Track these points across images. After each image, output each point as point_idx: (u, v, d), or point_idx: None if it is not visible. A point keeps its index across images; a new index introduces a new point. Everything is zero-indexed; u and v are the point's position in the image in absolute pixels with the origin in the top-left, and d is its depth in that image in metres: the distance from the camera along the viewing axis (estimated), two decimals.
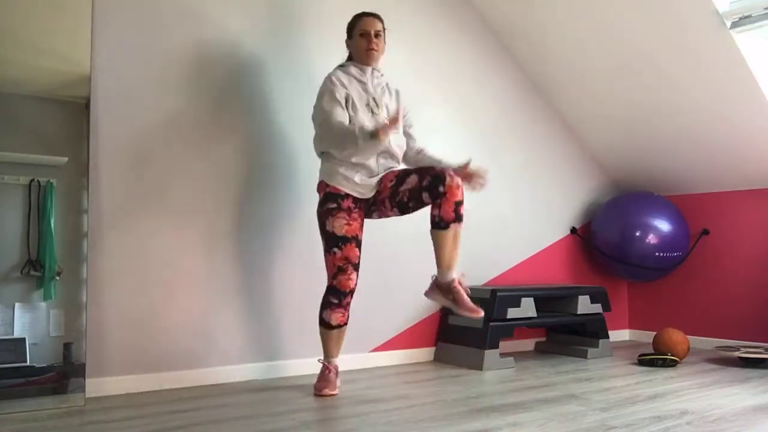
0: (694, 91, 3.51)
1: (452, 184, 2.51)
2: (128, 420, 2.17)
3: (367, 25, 2.71)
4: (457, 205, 2.53)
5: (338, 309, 2.63)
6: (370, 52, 2.69)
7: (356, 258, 2.64)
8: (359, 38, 2.71)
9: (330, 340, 2.67)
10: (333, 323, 2.64)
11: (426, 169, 2.61)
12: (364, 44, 2.69)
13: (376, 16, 2.75)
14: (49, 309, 2.43)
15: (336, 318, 2.64)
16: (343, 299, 2.63)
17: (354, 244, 2.62)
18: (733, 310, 3.84)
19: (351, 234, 2.62)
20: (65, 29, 2.55)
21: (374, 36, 2.70)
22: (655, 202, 3.99)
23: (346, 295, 2.63)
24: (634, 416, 2.23)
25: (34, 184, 2.44)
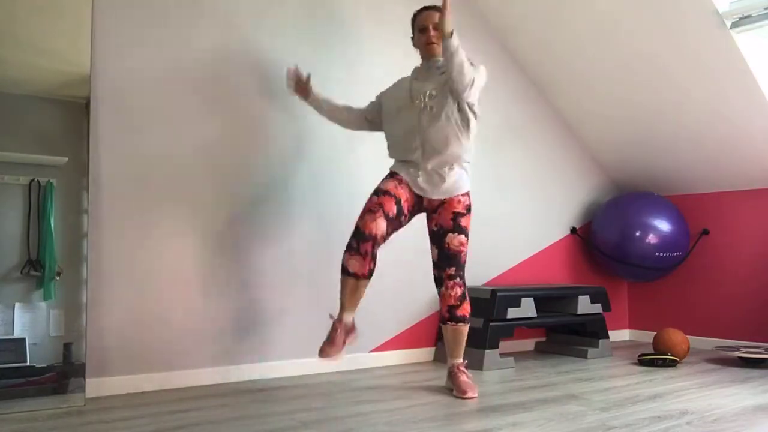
0: (694, 91, 3.51)
1: (446, 293, 2.68)
2: (128, 420, 2.17)
3: (424, 20, 2.74)
4: (450, 308, 2.68)
5: (355, 255, 2.50)
6: (429, 46, 2.72)
7: (391, 211, 2.56)
8: (419, 34, 2.76)
9: (344, 288, 2.55)
10: (350, 270, 2.52)
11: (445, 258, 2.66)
12: (424, 39, 2.73)
13: (433, 8, 2.75)
14: (49, 309, 2.43)
15: (352, 265, 2.51)
16: (361, 244, 2.50)
17: (394, 201, 2.59)
18: (733, 310, 3.84)
19: (394, 192, 2.61)
20: (65, 29, 2.55)
21: (432, 28, 2.71)
22: (655, 202, 3.99)
23: (366, 240, 2.49)
24: (634, 416, 2.23)
25: (34, 184, 2.44)
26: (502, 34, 3.86)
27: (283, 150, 3.05)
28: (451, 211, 2.66)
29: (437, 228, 2.68)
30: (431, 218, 2.72)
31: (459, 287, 2.67)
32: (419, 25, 2.75)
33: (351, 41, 3.28)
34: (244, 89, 2.96)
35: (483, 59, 3.79)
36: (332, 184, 3.17)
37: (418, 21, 2.77)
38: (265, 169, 3.00)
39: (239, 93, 2.95)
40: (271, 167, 3.01)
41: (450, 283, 2.66)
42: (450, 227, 2.65)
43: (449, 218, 2.65)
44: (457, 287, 2.67)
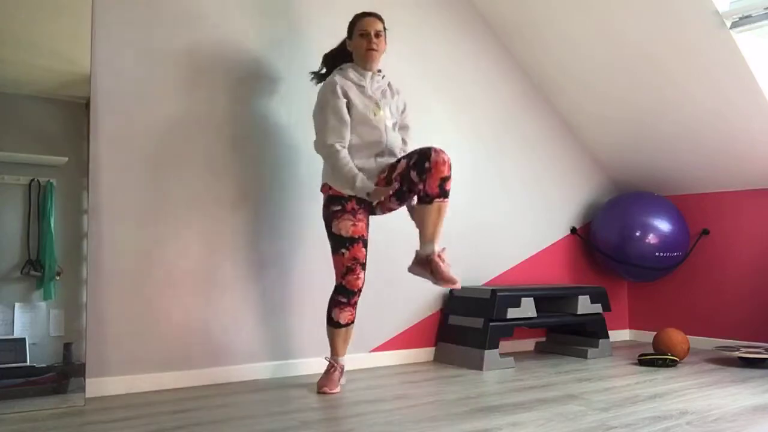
0: (694, 91, 3.51)
1: (438, 159, 2.51)
2: (128, 420, 2.17)
3: (367, 25, 2.71)
4: (442, 180, 2.52)
5: (347, 308, 2.66)
6: (369, 52, 2.70)
7: (364, 257, 2.66)
8: (359, 38, 2.71)
9: (338, 338, 2.70)
10: (342, 322, 2.67)
11: (413, 150, 2.62)
12: (364, 44, 2.70)
13: (376, 16, 2.75)
14: (49, 309, 2.43)
15: (345, 317, 2.67)
16: (351, 298, 2.66)
17: (361, 244, 2.64)
18: (733, 310, 3.84)
19: (357, 234, 2.63)
20: (65, 29, 2.55)
21: (374, 36, 2.70)
22: (655, 202, 3.99)
23: (354, 295, 2.66)
24: (634, 416, 2.23)
25: (34, 184, 2.44)
26: (502, 35, 3.86)
27: (285, 149, 3.05)
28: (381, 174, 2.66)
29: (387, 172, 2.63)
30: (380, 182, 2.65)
31: (446, 154, 2.54)
32: (360, 29, 2.72)
33: None
34: (245, 89, 2.96)
35: (483, 59, 3.80)
36: None
37: (359, 25, 2.73)
38: (267, 169, 3.00)
39: (241, 93, 2.95)
40: (272, 167, 3.01)
41: (435, 147, 2.54)
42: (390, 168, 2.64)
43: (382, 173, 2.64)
44: (444, 154, 2.53)
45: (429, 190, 2.54)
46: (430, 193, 2.54)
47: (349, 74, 2.71)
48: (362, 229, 2.66)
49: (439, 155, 2.52)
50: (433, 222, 2.56)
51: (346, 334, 2.72)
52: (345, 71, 2.73)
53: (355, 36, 2.73)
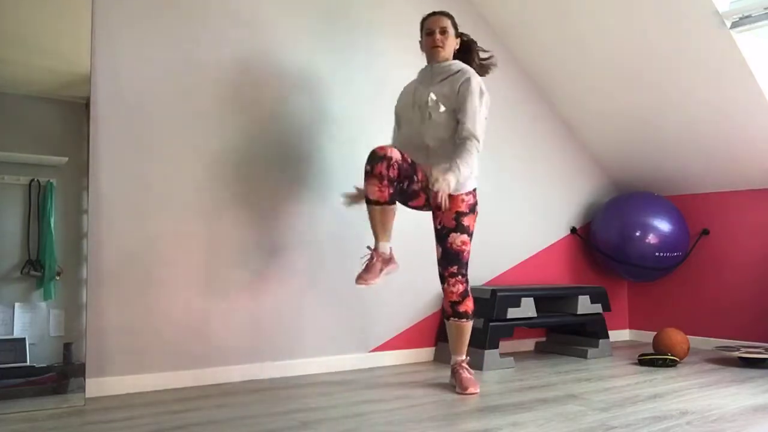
0: (694, 91, 3.51)
1: (448, 289, 2.71)
2: (128, 420, 2.17)
3: (431, 23, 2.81)
4: (452, 304, 2.72)
5: (371, 179, 2.52)
6: (434, 49, 2.78)
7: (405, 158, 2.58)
8: (426, 37, 2.81)
9: (371, 217, 2.59)
10: (370, 197, 2.55)
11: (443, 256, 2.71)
12: (430, 42, 2.79)
13: (441, 14, 2.83)
14: (49, 309, 2.43)
15: (371, 191, 2.54)
16: (375, 164, 2.51)
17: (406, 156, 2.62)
18: (733, 310, 3.84)
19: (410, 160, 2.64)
20: (65, 29, 2.55)
21: (439, 33, 2.77)
22: (655, 202, 3.99)
23: (380, 160, 2.50)
24: (634, 416, 2.23)
25: (34, 184, 2.44)
26: (503, 35, 3.86)
27: (285, 148, 3.05)
28: (455, 210, 2.68)
29: (441, 227, 2.71)
30: (436, 216, 2.74)
31: (461, 284, 2.70)
32: (426, 28, 2.82)
33: (360, 46, 3.28)
34: (246, 89, 2.96)
35: None
36: (339, 183, 3.16)
37: (425, 25, 2.84)
38: (266, 169, 3.00)
39: (241, 93, 2.95)
40: (272, 166, 3.01)
41: (452, 280, 2.70)
42: (453, 226, 2.68)
43: (452, 217, 2.68)
44: (458, 284, 2.70)
45: (445, 307, 2.77)
46: (446, 311, 2.77)
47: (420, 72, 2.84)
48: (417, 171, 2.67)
49: (449, 287, 2.71)
50: (452, 337, 2.77)
51: (382, 215, 2.56)
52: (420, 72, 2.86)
53: (423, 36, 2.84)
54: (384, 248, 2.61)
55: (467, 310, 2.72)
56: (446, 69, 2.77)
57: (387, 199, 2.54)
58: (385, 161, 2.50)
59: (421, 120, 2.73)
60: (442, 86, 2.73)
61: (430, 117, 2.70)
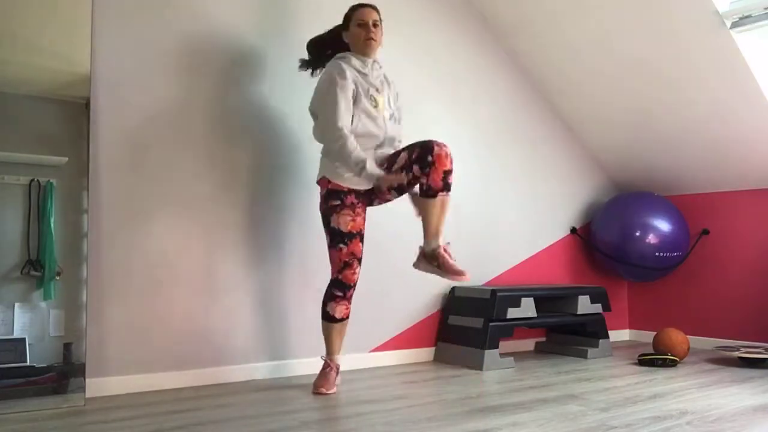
0: (694, 91, 3.51)
1: (441, 152, 2.52)
2: (128, 420, 2.17)
3: (365, 15, 2.71)
4: (445, 173, 2.54)
5: (342, 302, 2.66)
6: (368, 41, 2.69)
7: (360, 252, 2.67)
8: (357, 28, 2.70)
9: (333, 333, 2.69)
10: (337, 316, 2.66)
11: (413, 144, 2.61)
12: (363, 34, 2.69)
13: (372, 7, 2.75)
14: (49, 309, 2.43)
15: (340, 311, 2.66)
16: (347, 292, 2.66)
17: (358, 239, 2.65)
18: (733, 310, 3.84)
19: (356, 230, 2.64)
20: (65, 29, 2.55)
21: (372, 26, 2.69)
22: (655, 202, 3.99)
23: (350, 288, 2.66)
24: (634, 416, 2.23)
25: (34, 184, 2.44)
26: (502, 36, 3.86)
27: (285, 148, 3.05)
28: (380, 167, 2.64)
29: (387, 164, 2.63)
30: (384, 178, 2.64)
31: (448, 147, 2.55)
32: (358, 19, 2.70)
33: None
34: (247, 89, 2.96)
35: (483, 59, 3.80)
36: None
37: (357, 15, 2.71)
38: (266, 169, 2.99)
39: (243, 92, 2.95)
40: (272, 166, 3.01)
41: (437, 141, 2.54)
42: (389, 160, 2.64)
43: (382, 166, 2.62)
44: (447, 147, 2.54)
45: (432, 183, 2.54)
46: (433, 187, 2.54)
47: (351, 61, 2.69)
48: (360, 224, 2.66)
49: (441, 149, 2.53)
50: (437, 216, 2.57)
51: (341, 331, 2.71)
52: (347, 59, 2.70)
53: (352, 26, 2.72)
54: (338, 360, 2.73)
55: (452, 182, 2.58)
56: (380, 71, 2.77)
57: (349, 315, 2.71)
58: (353, 287, 2.67)
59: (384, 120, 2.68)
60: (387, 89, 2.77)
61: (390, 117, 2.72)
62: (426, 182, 2.54)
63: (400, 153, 2.64)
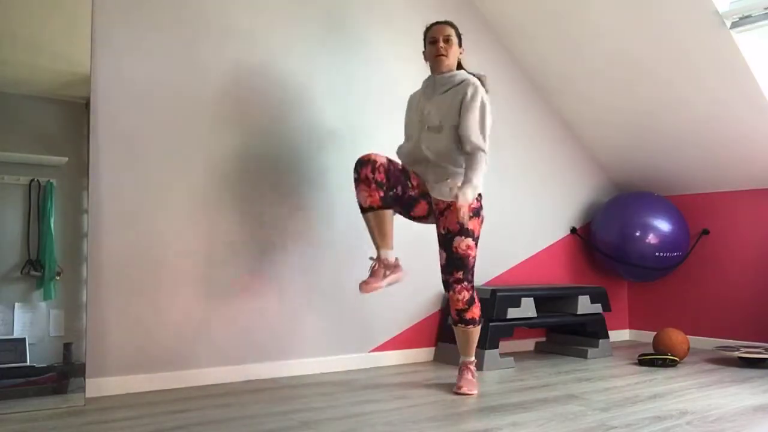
0: (693, 91, 3.51)
1: (454, 297, 2.67)
2: (128, 420, 2.17)
3: (435, 32, 2.80)
4: (459, 312, 2.69)
5: (359, 185, 2.57)
6: (438, 58, 2.77)
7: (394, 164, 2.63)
8: (430, 46, 2.81)
9: (368, 226, 2.61)
10: (362, 203, 2.59)
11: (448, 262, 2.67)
12: (433, 51, 2.78)
13: (444, 23, 2.82)
14: (49, 309, 2.43)
15: (362, 197, 2.57)
16: (360, 170, 2.55)
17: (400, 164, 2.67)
18: (733, 310, 3.84)
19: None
20: (65, 29, 2.55)
21: (442, 41, 2.76)
22: (655, 202, 3.99)
23: (363, 164, 2.55)
24: (634, 416, 2.23)
25: (34, 184, 2.44)
26: (502, 36, 3.86)
27: (286, 148, 3.05)
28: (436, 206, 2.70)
29: (445, 231, 2.68)
30: (439, 222, 2.71)
31: (467, 291, 2.68)
32: (430, 37, 2.81)
33: (358, 52, 3.28)
34: (248, 87, 2.96)
35: (483, 60, 3.79)
36: (340, 183, 3.16)
37: (429, 34, 2.83)
38: (266, 169, 2.99)
39: (243, 91, 2.95)
40: (272, 167, 3.01)
41: (458, 287, 2.67)
42: (457, 230, 2.65)
43: (455, 221, 2.63)
44: (464, 291, 2.67)
45: (452, 314, 2.74)
46: (453, 318, 2.74)
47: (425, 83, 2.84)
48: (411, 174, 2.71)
49: (453, 294, 2.67)
50: (460, 341, 2.76)
51: (376, 221, 2.57)
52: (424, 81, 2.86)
53: (426, 45, 2.83)
54: (386, 255, 2.60)
55: (474, 317, 2.70)
56: (449, 80, 2.76)
57: (379, 203, 2.56)
58: (369, 164, 2.54)
59: (420, 132, 2.74)
60: (445, 97, 2.73)
61: (428, 129, 2.71)
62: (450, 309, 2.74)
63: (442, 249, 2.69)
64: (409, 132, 2.85)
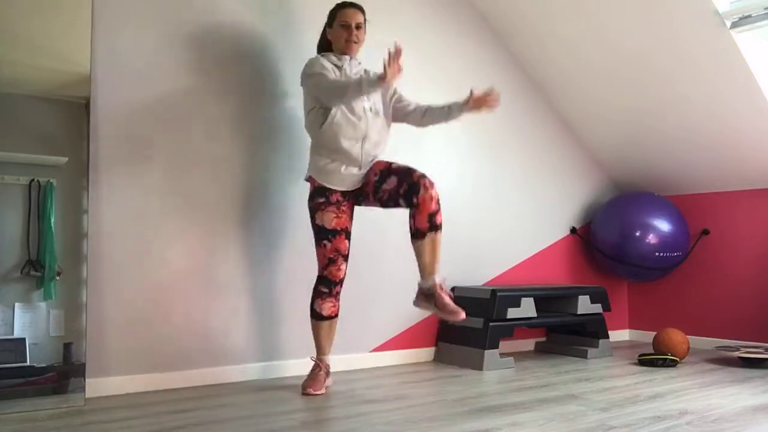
0: (694, 91, 3.51)
1: (425, 196, 2.51)
2: (128, 420, 2.17)
3: (348, 16, 2.70)
4: (431, 215, 2.54)
5: (329, 298, 2.66)
6: (349, 43, 2.70)
7: (346, 249, 2.68)
8: (339, 29, 2.70)
9: (321, 332, 2.69)
10: (324, 313, 2.67)
11: (405, 172, 2.59)
12: (345, 35, 2.69)
13: (358, 7, 2.73)
14: (49, 309, 2.43)
15: (327, 308, 2.67)
16: (333, 288, 2.66)
17: (344, 236, 2.66)
18: (733, 310, 3.84)
19: (340, 227, 2.65)
20: (65, 29, 2.55)
21: (355, 28, 2.69)
22: (655, 202, 3.99)
23: (336, 285, 2.67)
24: (634, 416, 2.23)
25: (34, 184, 2.44)
26: (502, 36, 3.86)
27: (285, 148, 3.05)
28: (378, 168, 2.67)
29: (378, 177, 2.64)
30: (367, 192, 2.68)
31: (434, 189, 2.54)
32: (342, 20, 2.70)
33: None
34: (249, 90, 2.96)
35: (483, 60, 3.80)
36: None
37: (341, 15, 2.71)
38: (266, 169, 2.99)
39: (244, 94, 2.95)
40: (272, 167, 3.01)
41: (425, 181, 2.53)
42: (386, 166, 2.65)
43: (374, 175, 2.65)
44: (433, 189, 2.53)
45: (419, 225, 2.55)
46: (420, 228, 2.56)
47: (330, 57, 2.71)
48: (345, 221, 2.67)
49: (427, 192, 2.52)
50: (429, 255, 2.58)
51: (330, 330, 2.70)
52: (326, 56, 2.72)
53: (335, 26, 2.72)
54: (327, 360, 2.71)
55: (441, 221, 2.57)
56: (359, 67, 2.75)
57: (337, 313, 2.70)
58: (340, 284, 2.68)
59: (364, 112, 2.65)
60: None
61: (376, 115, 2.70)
62: (413, 225, 2.57)
63: (391, 174, 2.61)
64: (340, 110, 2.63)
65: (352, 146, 2.63)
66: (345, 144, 2.62)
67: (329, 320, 2.69)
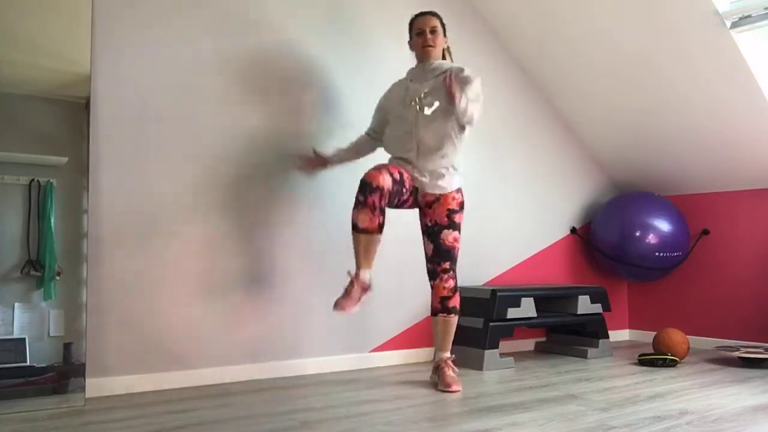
0: (694, 91, 3.51)
1: (440, 285, 2.75)
2: (128, 420, 2.17)
3: (421, 24, 2.82)
4: (443, 300, 2.75)
5: (363, 209, 2.54)
6: (425, 49, 2.80)
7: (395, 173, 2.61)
8: (416, 38, 2.84)
9: (357, 244, 2.60)
10: (359, 225, 2.56)
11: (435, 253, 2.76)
12: (421, 42, 2.81)
13: (430, 13, 2.85)
14: (49, 309, 2.43)
15: (362, 220, 2.55)
16: (369, 196, 2.52)
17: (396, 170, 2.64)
18: (733, 310, 3.84)
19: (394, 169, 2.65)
20: (65, 29, 2.55)
21: (429, 32, 2.79)
22: (655, 202, 3.99)
23: (373, 191, 2.51)
24: (634, 416, 2.23)
25: (34, 184, 2.44)
26: (502, 36, 3.86)
27: (285, 148, 3.04)
28: (446, 207, 2.75)
29: (432, 224, 2.76)
30: (425, 214, 2.79)
31: (452, 279, 2.76)
32: (416, 28, 2.83)
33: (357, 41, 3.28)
34: (248, 88, 2.96)
35: (483, 59, 3.80)
36: (339, 185, 3.16)
37: (415, 24, 2.85)
38: (266, 169, 2.99)
39: (242, 93, 2.95)
40: (272, 167, 3.01)
41: (444, 276, 2.75)
42: (445, 224, 2.74)
43: (444, 215, 2.74)
44: (450, 279, 2.76)
45: (433, 303, 2.78)
46: (434, 307, 2.78)
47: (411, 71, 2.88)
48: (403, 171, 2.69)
49: (441, 282, 2.74)
50: (440, 334, 2.78)
51: (367, 244, 2.57)
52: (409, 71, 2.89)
53: (412, 36, 2.85)
54: (365, 276, 2.62)
55: (456, 305, 2.77)
56: (438, 67, 2.80)
57: (376, 228, 2.59)
58: (377, 192, 2.52)
59: (415, 116, 2.73)
60: (437, 82, 2.75)
61: (423, 112, 2.70)
62: (431, 301, 2.79)
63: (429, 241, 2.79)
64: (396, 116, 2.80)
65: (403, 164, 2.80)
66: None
67: (366, 234, 2.56)
